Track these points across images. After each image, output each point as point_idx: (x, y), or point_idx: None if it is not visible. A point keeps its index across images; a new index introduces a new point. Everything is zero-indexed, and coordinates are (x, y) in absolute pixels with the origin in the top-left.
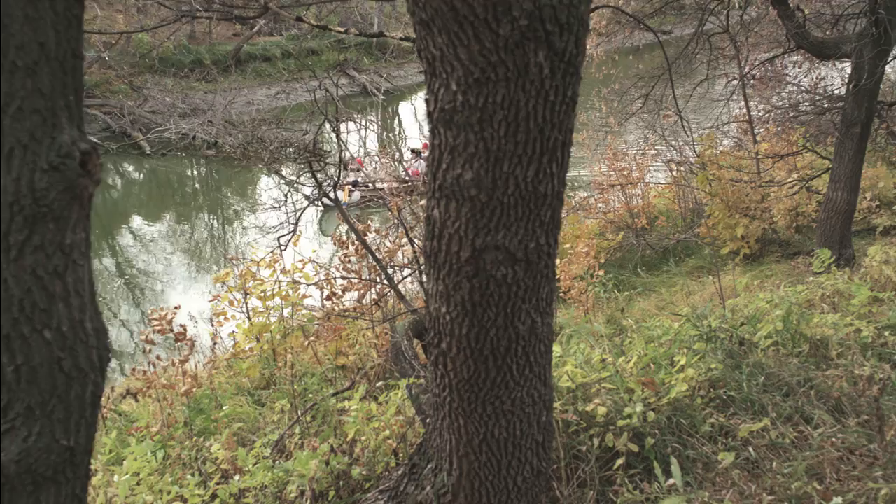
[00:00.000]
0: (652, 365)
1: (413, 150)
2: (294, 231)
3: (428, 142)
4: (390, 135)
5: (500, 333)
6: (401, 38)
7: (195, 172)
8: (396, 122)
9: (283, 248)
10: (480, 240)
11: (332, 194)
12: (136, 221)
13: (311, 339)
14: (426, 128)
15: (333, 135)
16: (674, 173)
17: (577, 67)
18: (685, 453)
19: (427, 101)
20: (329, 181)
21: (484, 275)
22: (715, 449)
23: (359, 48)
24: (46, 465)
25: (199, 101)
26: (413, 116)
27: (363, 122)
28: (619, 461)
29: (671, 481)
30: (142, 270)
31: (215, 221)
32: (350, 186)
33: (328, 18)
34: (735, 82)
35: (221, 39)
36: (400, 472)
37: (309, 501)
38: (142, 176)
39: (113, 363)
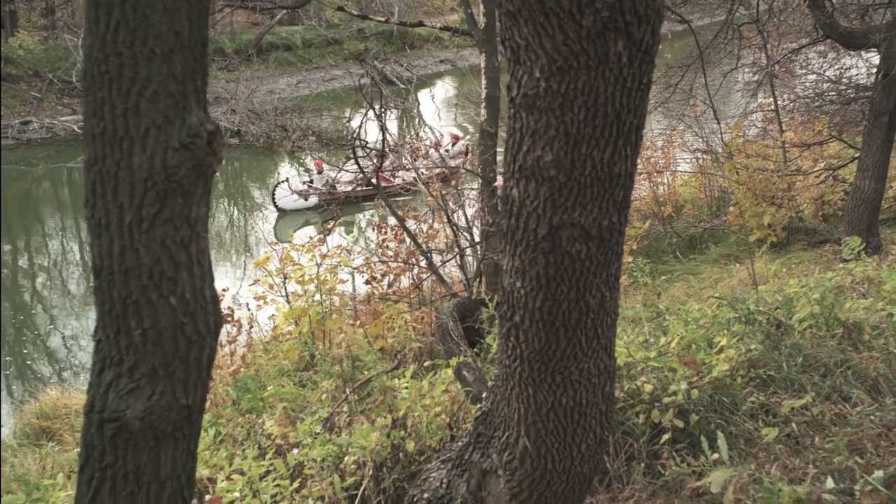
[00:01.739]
0: (694, 345)
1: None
2: (337, 216)
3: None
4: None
5: (572, 306)
6: (441, 28)
7: None
8: (416, 110)
9: (328, 232)
10: (557, 217)
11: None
12: None
13: (351, 322)
14: (446, 115)
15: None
16: (700, 162)
17: (652, 56)
18: (728, 430)
19: (509, 87)
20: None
21: (559, 251)
22: (756, 426)
23: (379, 38)
24: (167, 422)
25: (220, 89)
26: (432, 104)
27: (386, 111)
28: (666, 436)
29: (716, 455)
30: None
31: (236, 210)
32: (308, 189)
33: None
34: (760, 71)
35: (242, 28)
36: (464, 442)
37: (371, 471)
38: None
39: None
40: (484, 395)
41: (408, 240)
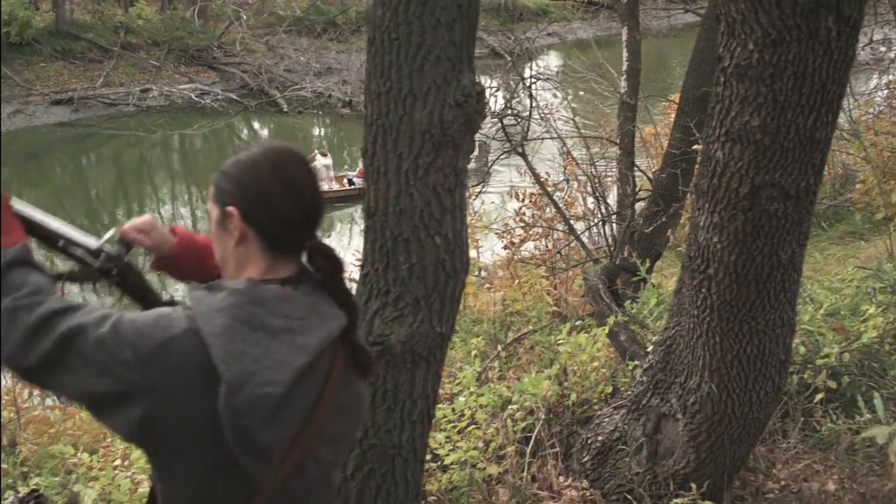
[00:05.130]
0: (842, 311)
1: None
2: (486, 180)
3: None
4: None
5: (765, 261)
6: (583, 1)
7: (321, 131)
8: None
9: (475, 196)
10: (759, 178)
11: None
12: None
13: (488, 286)
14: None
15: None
16: None
17: (857, 30)
18: (879, 392)
19: (720, 57)
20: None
21: (758, 209)
22: None
23: (486, 11)
24: (423, 346)
25: (332, 60)
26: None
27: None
28: (819, 396)
29: (868, 415)
30: None
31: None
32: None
33: None
34: (892, 48)
35: (351, 1)
36: (639, 389)
37: (544, 416)
38: (268, 132)
39: None
40: (650, 348)
41: (546, 207)
